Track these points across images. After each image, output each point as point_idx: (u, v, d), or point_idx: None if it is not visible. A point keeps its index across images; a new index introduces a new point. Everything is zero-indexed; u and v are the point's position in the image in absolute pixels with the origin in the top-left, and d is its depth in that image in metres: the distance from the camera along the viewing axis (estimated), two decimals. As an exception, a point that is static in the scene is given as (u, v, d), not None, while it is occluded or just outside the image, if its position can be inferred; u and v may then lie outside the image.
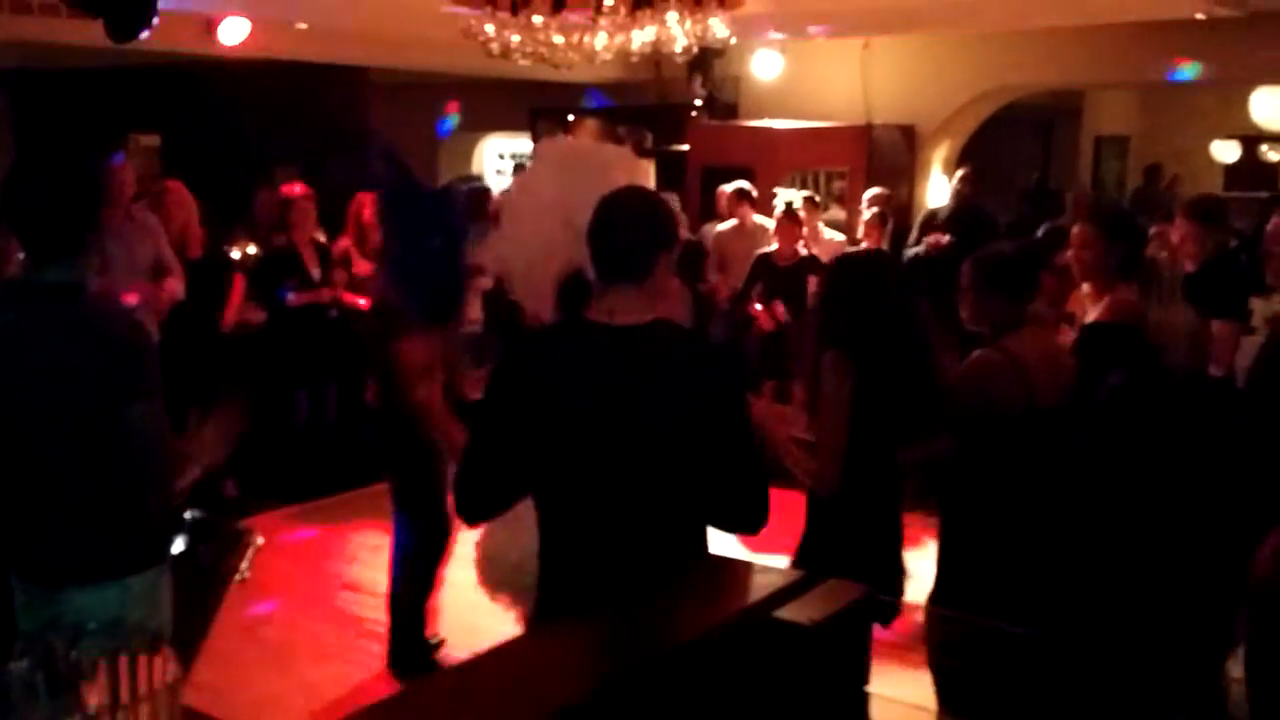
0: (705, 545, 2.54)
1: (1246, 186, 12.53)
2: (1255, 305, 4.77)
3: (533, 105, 11.48)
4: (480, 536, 3.71)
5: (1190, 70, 8.70)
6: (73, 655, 1.68)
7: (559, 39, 6.42)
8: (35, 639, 1.73)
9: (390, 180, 4.34)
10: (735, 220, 8.16)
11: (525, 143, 12.03)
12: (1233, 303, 4.80)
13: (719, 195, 8.66)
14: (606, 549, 2.45)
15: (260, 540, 3.47)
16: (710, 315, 7.87)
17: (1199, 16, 7.65)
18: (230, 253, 6.77)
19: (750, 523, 2.53)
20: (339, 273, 6.80)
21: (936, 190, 9.69)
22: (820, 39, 9.48)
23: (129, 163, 6.68)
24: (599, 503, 2.46)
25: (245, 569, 3.39)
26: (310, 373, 6.90)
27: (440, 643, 4.80)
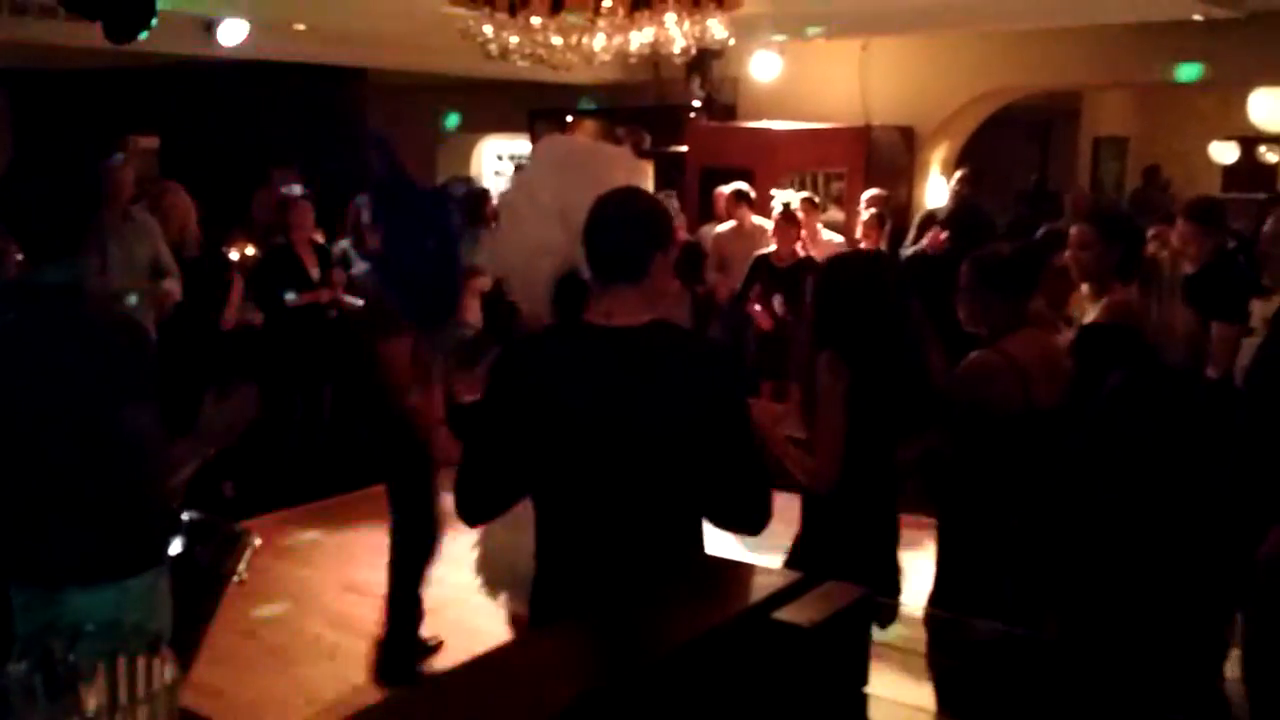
0: (702, 546, 2.54)
1: (1245, 188, 12.54)
2: (1254, 307, 4.77)
3: (531, 107, 11.49)
4: (480, 537, 3.71)
5: (1189, 71, 8.71)
6: (71, 657, 1.68)
7: (557, 40, 6.42)
8: (33, 641, 1.73)
9: (384, 176, 4.31)
10: (734, 221, 8.16)
11: (524, 144, 12.03)
12: (1232, 305, 4.80)
13: (717, 196, 8.66)
14: (604, 550, 2.45)
15: (258, 542, 3.47)
16: (709, 316, 7.88)
17: (1197, 18, 7.66)
18: (229, 253, 6.77)
19: (752, 522, 2.53)
20: (337, 273, 6.81)
21: (935, 191, 9.70)
22: (819, 40, 9.48)
23: (128, 163, 6.67)
24: (597, 504, 2.46)
25: (243, 570, 3.39)
26: (308, 374, 6.90)
27: (439, 645, 4.79)
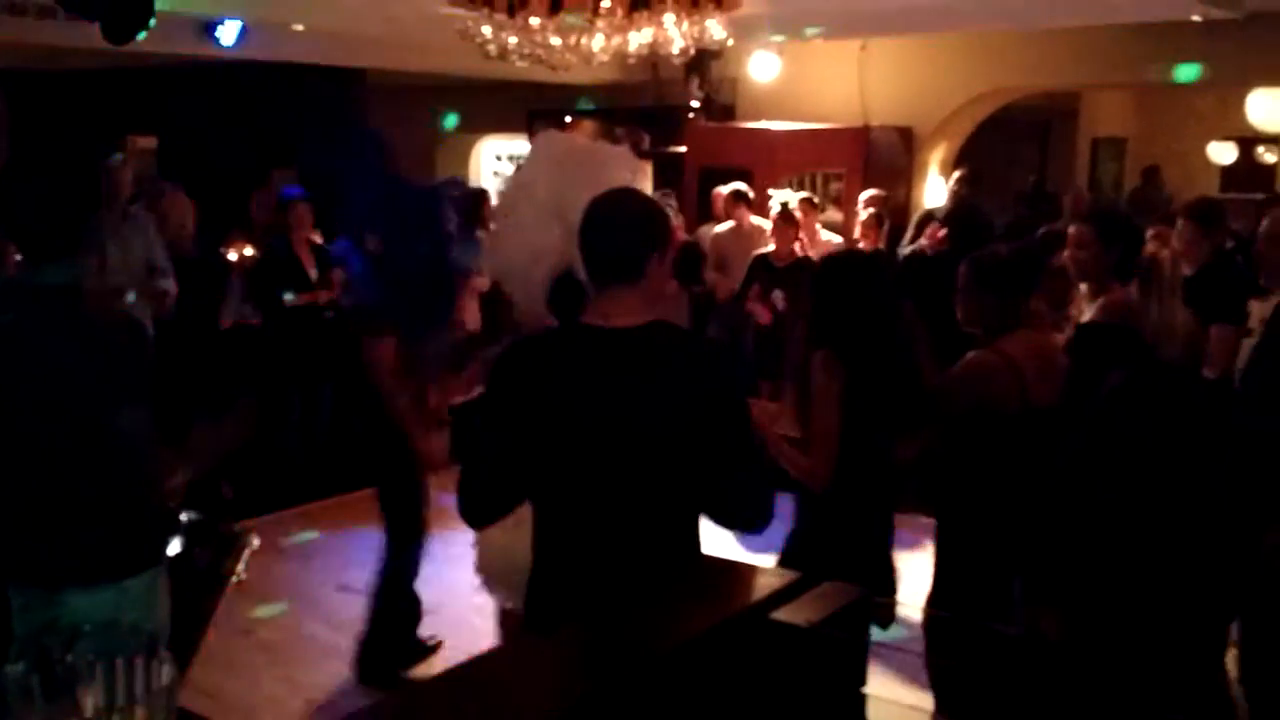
0: (699, 546, 2.54)
1: (1243, 188, 12.53)
2: (1253, 307, 4.76)
3: (530, 107, 11.49)
4: (478, 536, 3.70)
5: (1187, 72, 8.71)
6: (69, 658, 1.68)
7: (556, 40, 6.42)
8: (31, 642, 1.72)
9: (375, 175, 4.27)
10: (732, 222, 8.16)
11: (523, 144, 12.02)
12: (1231, 306, 4.80)
13: (715, 197, 8.66)
14: (601, 550, 2.45)
15: (256, 542, 3.47)
16: (708, 316, 7.88)
17: (1195, 18, 7.66)
18: (227, 254, 6.77)
19: (755, 521, 2.53)
20: (336, 274, 6.80)
21: (933, 192, 9.70)
22: (817, 41, 9.48)
23: (127, 163, 6.67)
24: (596, 504, 2.46)
25: (242, 571, 3.39)
26: (306, 374, 6.89)
27: (438, 645, 4.79)
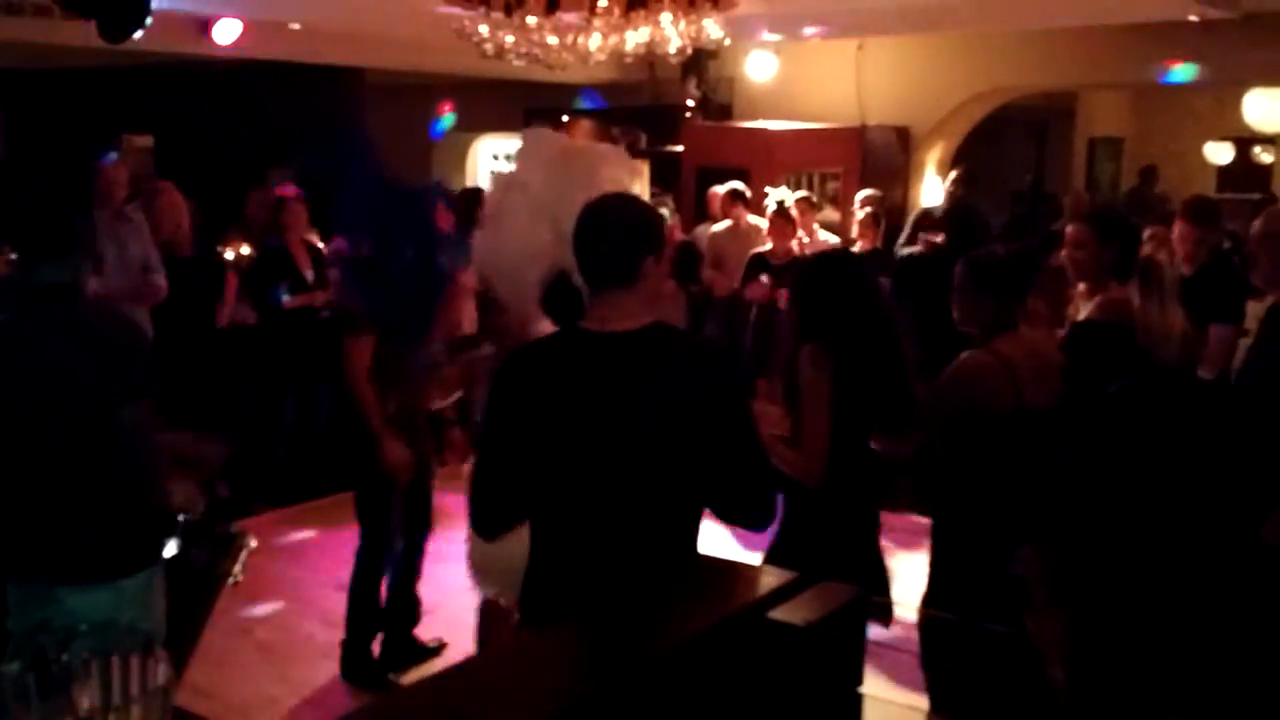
0: (697, 546, 2.54)
1: (1240, 188, 12.55)
2: (1250, 307, 4.77)
3: (527, 106, 11.48)
4: (470, 531, 3.69)
5: (1184, 72, 8.72)
6: (64, 657, 1.68)
7: (553, 40, 6.41)
8: (27, 641, 1.72)
9: (363, 175, 4.22)
10: (729, 221, 8.16)
11: (520, 144, 12.01)
12: (1229, 307, 4.80)
13: (712, 196, 8.65)
14: (599, 550, 2.44)
15: (253, 542, 3.46)
16: (705, 315, 7.87)
17: (1192, 18, 7.67)
18: (224, 253, 6.76)
19: (758, 518, 2.55)
20: (332, 274, 6.79)
21: (930, 191, 9.70)
22: (814, 40, 9.49)
23: (123, 163, 6.66)
24: (595, 505, 2.46)
25: (238, 571, 3.39)
26: (302, 374, 6.88)
27: (442, 646, 4.78)
